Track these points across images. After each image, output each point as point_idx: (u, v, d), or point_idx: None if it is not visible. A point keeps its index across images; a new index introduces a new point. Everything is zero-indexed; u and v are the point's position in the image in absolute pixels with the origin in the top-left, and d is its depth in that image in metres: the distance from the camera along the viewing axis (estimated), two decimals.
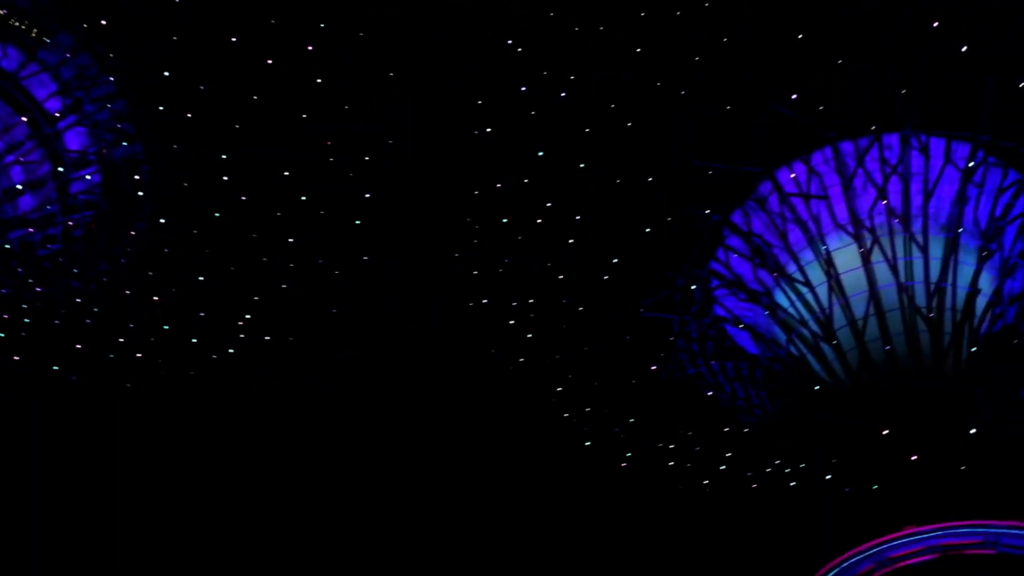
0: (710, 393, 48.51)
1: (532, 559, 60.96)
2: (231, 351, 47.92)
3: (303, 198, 43.69)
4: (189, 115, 41.47)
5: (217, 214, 43.99)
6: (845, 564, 38.31)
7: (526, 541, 60.60)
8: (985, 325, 42.45)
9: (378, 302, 47.98)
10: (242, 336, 47.75)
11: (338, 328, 48.70)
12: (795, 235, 44.20)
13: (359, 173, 43.19)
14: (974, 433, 41.26)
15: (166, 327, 46.48)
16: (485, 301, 46.77)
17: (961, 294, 42.27)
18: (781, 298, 44.90)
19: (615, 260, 45.33)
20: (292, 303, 47.49)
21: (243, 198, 43.43)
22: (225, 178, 42.74)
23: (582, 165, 43.03)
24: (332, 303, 47.65)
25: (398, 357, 50.06)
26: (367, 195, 43.93)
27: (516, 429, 52.17)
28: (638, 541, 59.35)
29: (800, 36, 39.05)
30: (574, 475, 53.09)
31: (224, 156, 42.26)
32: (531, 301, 46.54)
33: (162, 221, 43.68)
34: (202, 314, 46.72)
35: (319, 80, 40.87)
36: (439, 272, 46.49)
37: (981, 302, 42.58)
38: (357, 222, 44.66)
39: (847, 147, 42.65)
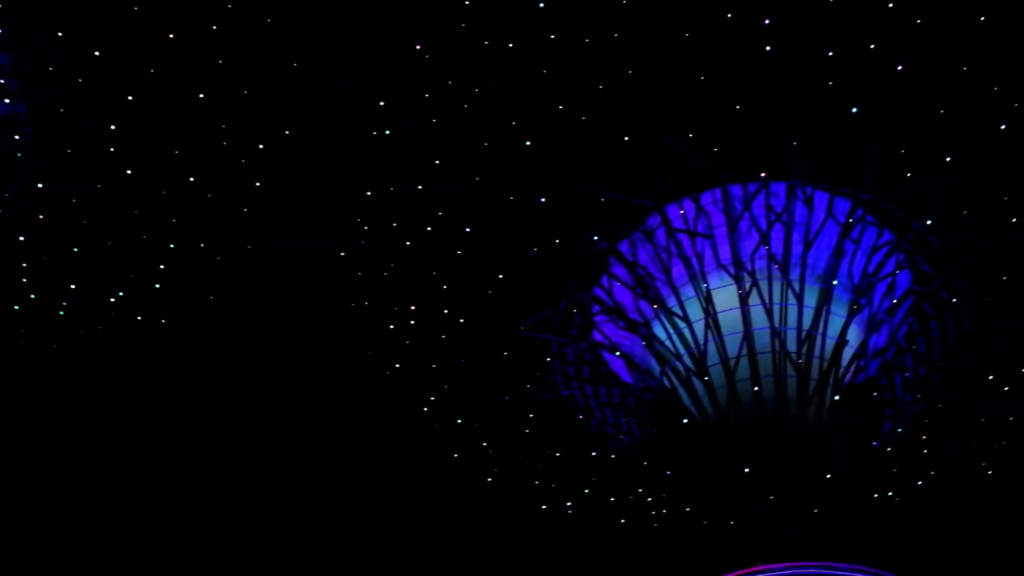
0: (581, 416, 49.46)
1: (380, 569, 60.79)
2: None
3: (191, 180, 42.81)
4: (81, 80, 40.18)
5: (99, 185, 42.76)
6: None
7: (379, 550, 60.33)
8: (849, 375, 44.22)
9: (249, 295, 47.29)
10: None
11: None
12: (678, 270, 45.21)
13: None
14: (829, 477, 42.98)
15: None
16: (366, 303, 46.45)
17: (830, 344, 44.11)
18: (659, 330, 45.93)
19: (500, 276, 45.64)
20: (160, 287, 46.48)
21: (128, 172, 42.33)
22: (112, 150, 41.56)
23: (477, 178, 43.08)
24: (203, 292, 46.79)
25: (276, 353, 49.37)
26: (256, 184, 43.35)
27: (385, 435, 51.75)
28: (491, 558, 59.65)
29: (703, 78, 40.04)
30: (438, 486, 52.95)
31: (113, 127, 41.14)
32: (412, 308, 46.32)
33: (40, 186, 42.17)
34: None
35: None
36: (321, 271, 46.09)
37: (848, 353, 44.35)
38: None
39: (736, 190, 43.83)
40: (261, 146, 41.47)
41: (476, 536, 56.80)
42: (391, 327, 46.48)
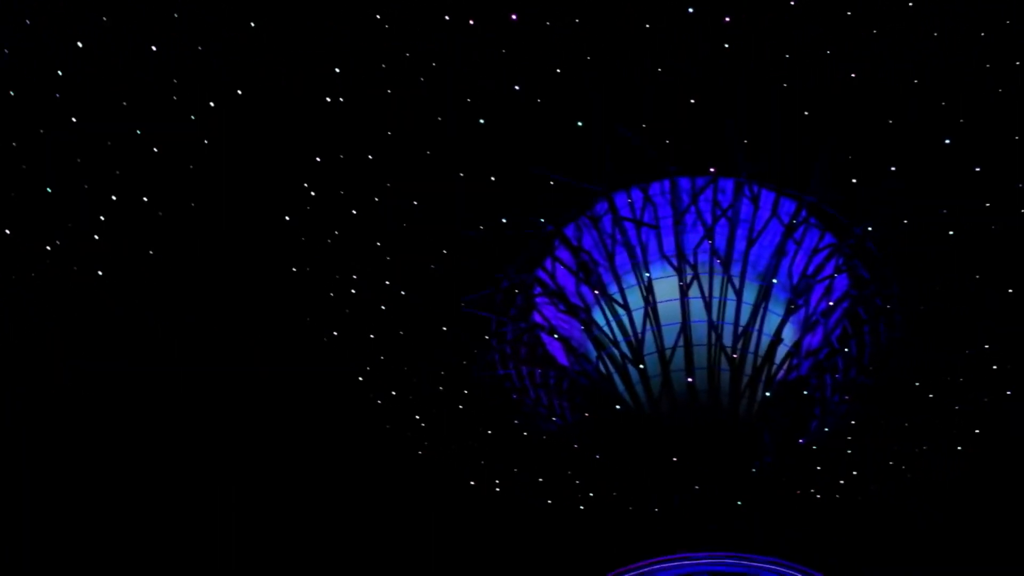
0: (515, 396, 49.76)
1: (311, 539, 60.75)
2: None
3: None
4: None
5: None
6: None
7: (311, 523, 60.33)
8: (781, 373, 45.02)
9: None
10: None
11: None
12: (622, 258, 45.60)
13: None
14: (755, 472, 43.75)
15: None
16: (307, 271, 46.18)
17: (765, 341, 44.83)
18: (598, 316, 46.43)
19: (444, 252, 45.62)
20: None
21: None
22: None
23: (427, 153, 42.97)
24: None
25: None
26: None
27: (319, 406, 51.59)
28: (418, 533, 59.90)
29: (660, 70, 40.23)
30: (370, 459, 52.96)
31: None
32: (354, 276, 46.15)
33: None
34: None
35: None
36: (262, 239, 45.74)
37: (781, 351, 45.10)
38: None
39: (685, 183, 44.17)
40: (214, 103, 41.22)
41: (406, 510, 57.13)
42: (331, 295, 46.35)
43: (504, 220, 44.67)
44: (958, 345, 45.30)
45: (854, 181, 41.70)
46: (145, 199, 43.12)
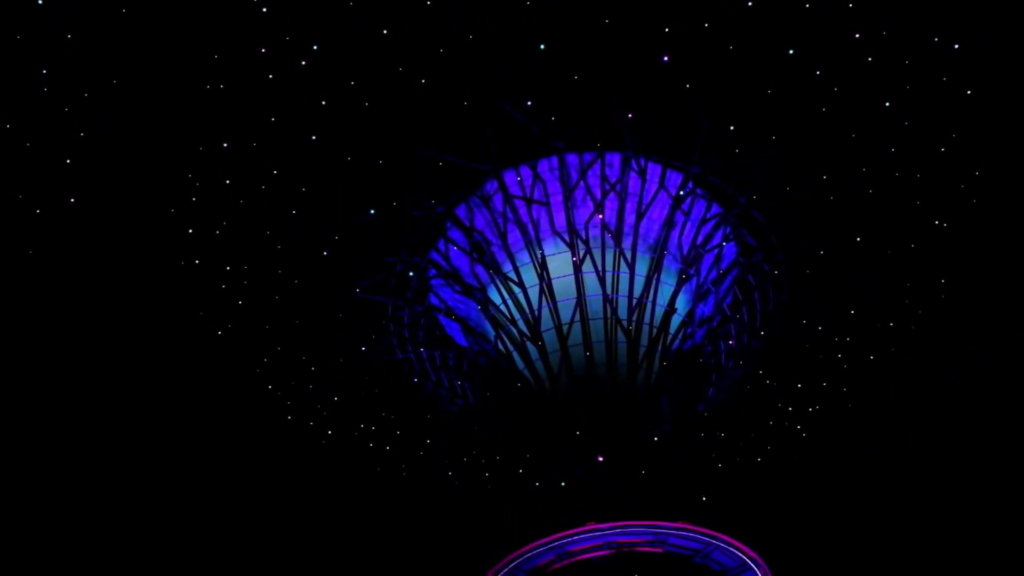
0: (415, 379, 49.70)
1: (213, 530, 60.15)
2: None
3: None
4: None
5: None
6: (527, 554, 40.35)
7: (210, 514, 59.60)
8: (677, 342, 45.75)
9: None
10: None
11: None
12: (514, 236, 45.78)
13: None
14: (656, 440, 44.45)
15: None
16: (197, 262, 45.32)
17: (659, 311, 45.45)
18: (494, 295, 46.53)
19: (336, 238, 45.17)
20: None
21: None
22: None
23: (313, 137, 42.42)
24: None
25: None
26: None
27: (218, 397, 50.85)
28: (324, 519, 59.64)
29: (543, 47, 40.23)
30: (274, 448, 52.40)
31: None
32: (245, 267, 45.45)
33: None
34: None
35: None
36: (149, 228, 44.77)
37: (676, 321, 45.84)
38: None
39: (572, 159, 44.47)
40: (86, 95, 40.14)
41: (311, 499, 56.72)
42: (223, 287, 45.60)
43: (394, 204, 44.48)
44: (842, 306, 46.69)
45: (737, 151, 42.55)
46: None
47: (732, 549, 39.66)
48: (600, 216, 44.66)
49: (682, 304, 45.90)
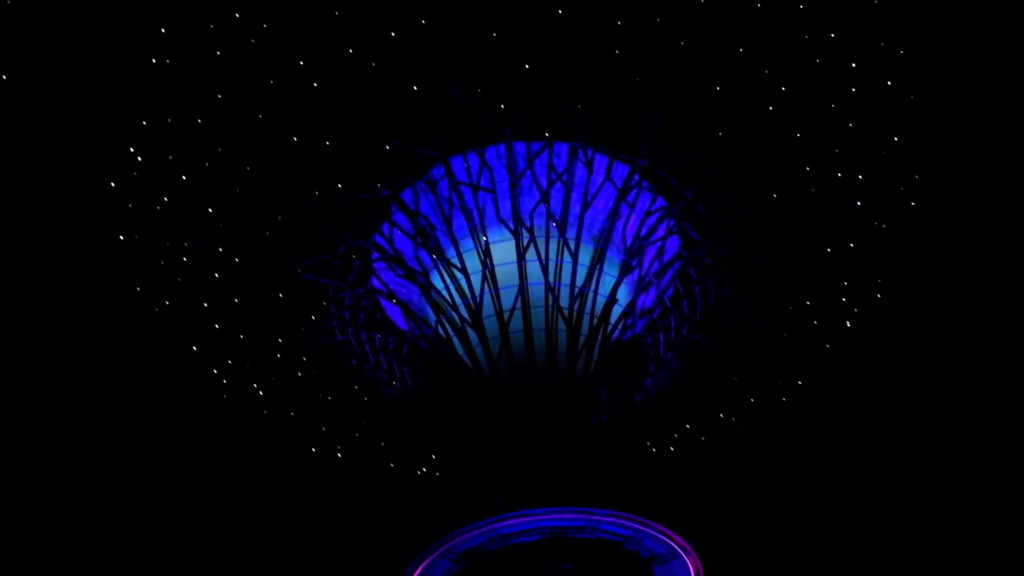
0: (355, 362, 49.59)
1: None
2: None
3: None
4: None
5: None
6: (460, 537, 40.52)
7: (143, 494, 59.33)
8: (617, 332, 46.08)
9: None
10: None
11: None
12: (459, 222, 45.76)
13: None
14: (593, 428, 44.81)
15: None
16: (136, 238, 44.84)
17: (601, 302, 45.73)
18: (437, 280, 46.45)
19: (280, 218, 44.89)
20: None
21: None
22: None
23: (260, 116, 42.15)
24: None
25: None
26: None
27: (150, 373, 50.52)
28: (255, 501, 59.60)
29: (494, 34, 40.34)
30: (204, 427, 52.18)
31: None
32: (186, 244, 45.01)
33: None
34: None
35: None
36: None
37: (617, 311, 46.10)
38: None
39: (520, 148, 44.49)
40: None
41: (247, 480, 56.62)
42: (161, 263, 45.15)
43: (340, 186, 44.33)
44: (783, 301, 47.42)
45: (683, 146, 43.03)
46: None
47: (662, 537, 40.11)
48: (545, 205, 44.94)
49: (623, 295, 46.29)
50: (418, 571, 40.63)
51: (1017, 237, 52.09)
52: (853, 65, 40.25)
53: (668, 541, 40.21)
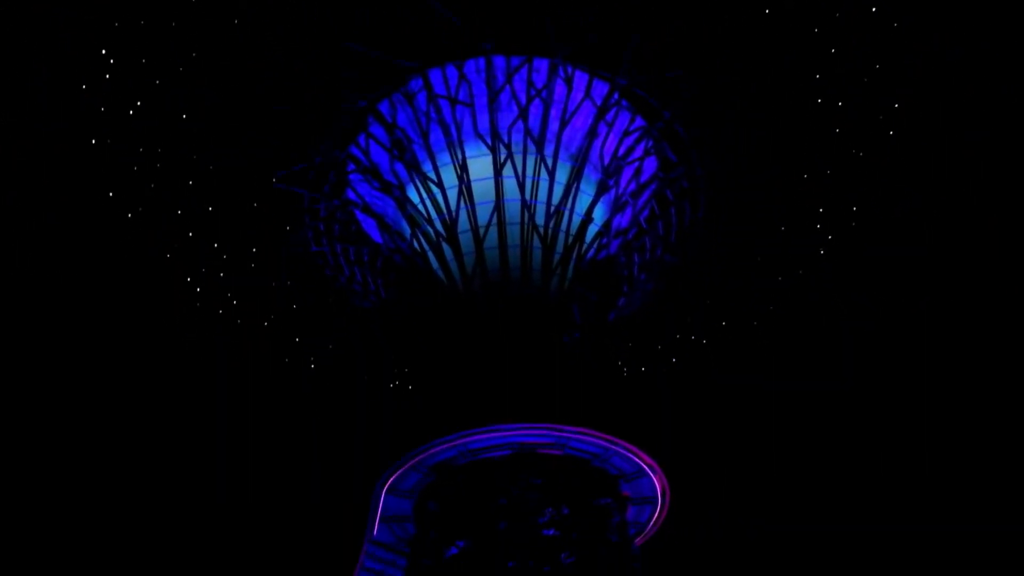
0: (329, 273, 49.51)
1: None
2: None
3: None
4: None
5: None
6: (431, 451, 40.98)
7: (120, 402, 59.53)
8: (592, 252, 46.13)
9: None
10: None
11: None
12: (436, 136, 45.41)
13: None
14: (565, 345, 45.10)
15: None
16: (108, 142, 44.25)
17: (576, 220, 45.66)
18: (413, 193, 46.27)
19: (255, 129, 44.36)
20: None
21: None
22: None
23: (236, 21, 41.37)
24: None
25: None
26: None
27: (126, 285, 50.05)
28: (232, 411, 59.89)
29: None
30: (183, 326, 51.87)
31: None
32: (159, 150, 44.45)
33: None
34: None
35: None
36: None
37: (592, 230, 46.09)
38: None
39: (500, 62, 43.92)
40: None
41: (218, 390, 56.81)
42: (135, 169, 44.61)
43: (317, 95, 43.77)
44: (756, 228, 47.52)
45: (665, 65, 42.63)
46: None
47: (630, 455, 40.69)
48: (523, 121, 44.58)
49: (599, 214, 46.31)
50: (389, 483, 41.23)
51: None
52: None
53: (636, 460, 40.85)
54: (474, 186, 45.30)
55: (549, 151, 44.90)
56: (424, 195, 45.69)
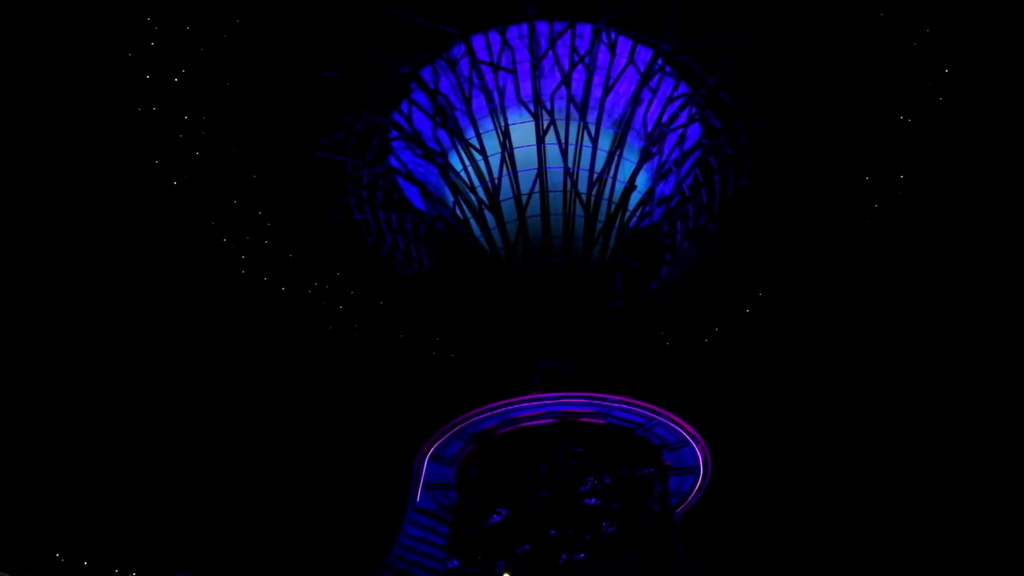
0: (371, 240, 49.47)
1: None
2: None
3: None
4: None
5: None
6: (474, 419, 41.06)
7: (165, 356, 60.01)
8: (634, 220, 45.84)
9: None
10: None
11: None
12: (479, 102, 45.18)
13: None
14: (608, 314, 44.91)
15: None
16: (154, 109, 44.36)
17: (619, 188, 45.37)
18: (455, 161, 46.20)
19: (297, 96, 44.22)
20: None
21: None
22: None
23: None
24: None
25: None
26: None
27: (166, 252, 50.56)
28: (281, 375, 60.34)
29: None
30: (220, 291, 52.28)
31: None
32: (204, 118, 44.52)
33: None
34: None
35: None
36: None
37: (635, 198, 45.81)
38: None
39: (542, 28, 43.56)
40: None
41: (265, 352, 57.25)
42: (180, 136, 44.72)
43: (359, 62, 43.56)
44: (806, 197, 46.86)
45: (709, 31, 41.97)
46: None
47: (673, 425, 40.54)
48: (567, 88, 44.19)
49: (642, 182, 45.94)
50: (431, 450, 41.39)
51: None
52: None
53: (679, 429, 40.69)
54: (517, 153, 45.13)
55: (592, 118, 44.56)
56: (467, 162, 45.64)
